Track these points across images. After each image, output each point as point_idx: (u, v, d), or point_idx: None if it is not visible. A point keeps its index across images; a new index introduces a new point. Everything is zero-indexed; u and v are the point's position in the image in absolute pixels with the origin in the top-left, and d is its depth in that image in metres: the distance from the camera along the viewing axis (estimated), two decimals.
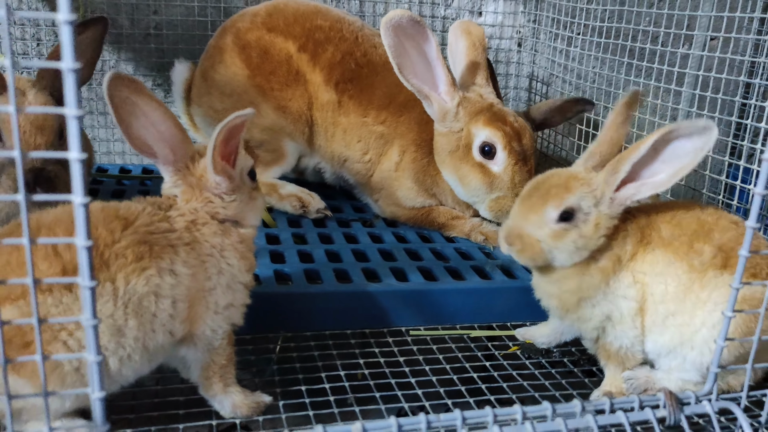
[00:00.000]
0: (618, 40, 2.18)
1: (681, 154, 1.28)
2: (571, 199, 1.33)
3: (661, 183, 1.31)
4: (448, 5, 2.74)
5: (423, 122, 2.05)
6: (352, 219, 2.15)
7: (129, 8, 2.45)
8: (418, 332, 1.67)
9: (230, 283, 1.24)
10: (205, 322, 1.22)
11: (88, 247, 0.74)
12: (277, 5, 2.22)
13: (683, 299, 1.32)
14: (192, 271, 1.17)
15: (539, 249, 1.36)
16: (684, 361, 1.34)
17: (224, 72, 2.15)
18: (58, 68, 0.68)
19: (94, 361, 0.79)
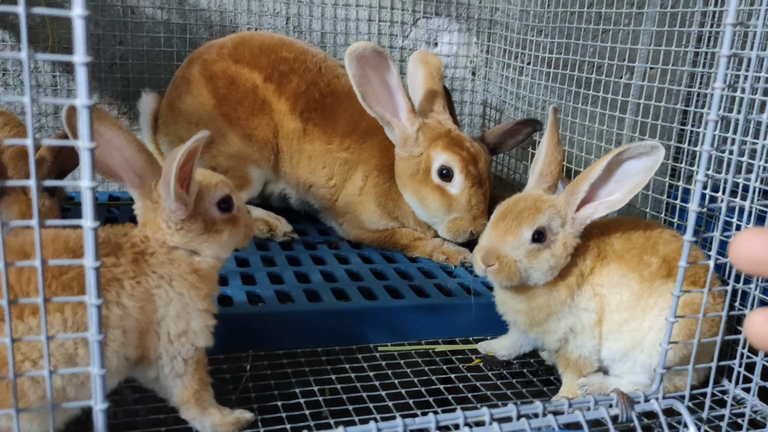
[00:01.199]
0: (565, 70, 2.33)
1: (632, 173, 1.40)
2: (543, 219, 1.44)
3: (616, 201, 1.43)
4: (406, 36, 2.86)
5: (384, 148, 2.15)
6: (318, 242, 2.23)
7: (95, 39, 2.50)
8: (386, 348, 1.75)
9: (181, 312, 1.22)
10: (158, 351, 1.22)
11: (95, 268, 0.81)
12: (243, 37, 2.29)
13: (635, 307, 1.44)
14: (140, 303, 1.17)
15: (516, 269, 1.44)
16: (634, 363, 1.46)
17: (191, 102, 2.20)
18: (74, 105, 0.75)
19: (98, 374, 0.85)
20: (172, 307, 1.22)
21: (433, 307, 1.81)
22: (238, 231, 1.32)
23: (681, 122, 2.04)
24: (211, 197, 1.26)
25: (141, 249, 1.21)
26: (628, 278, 1.45)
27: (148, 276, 1.20)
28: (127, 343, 1.16)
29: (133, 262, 1.19)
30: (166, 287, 1.21)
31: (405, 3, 2.81)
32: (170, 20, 2.54)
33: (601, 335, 1.50)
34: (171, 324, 1.22)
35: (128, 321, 1.15)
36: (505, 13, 2.78)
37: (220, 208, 1.27)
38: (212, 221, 1.26)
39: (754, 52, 1.11)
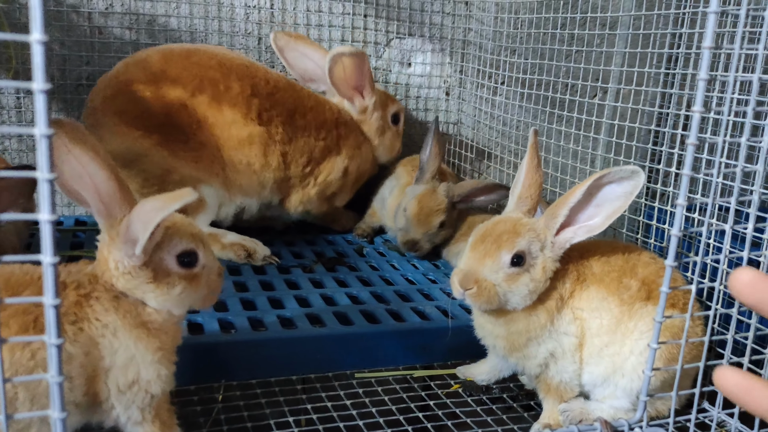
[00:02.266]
0: (539, 91, 2.33)
1: (612, 197, 1.39)
2: (522, 243, 1.41)
3: (596, 226, 1.41)
4: (379, 57, 2.85)
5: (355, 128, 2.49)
6: (292, 265, 2.18)
7: (60, 59, 2.44)
8: (362, 374, 1.70)
9: (129, 363, 1.15)
10: (109, 401, 1.16)
11: (56, 306, 0.76)
12: (147, 56, 2.14)
13: (615, 330, 1.42)
14: (84, 349, 1.11)
15: (495, 293, 1.41)
16: (616, 388, 1.44)
17: (112, 146, 2.02)
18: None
19: (58, 417, 0.80)
20: (119, 357, 1.14)
21: (410, 332, 1.77)
22: (195, 290, 1.21)
23: (653, 142, 2.05)
24: (171, 247, 1.17)
25: (86, 291, 1.14)
26: (608, 302, 1.44)
27: (91, 323, 1.12)
28: (73, 389, 1.09)
29: (76, 305, 1.12)
30: (110, 338, 1.13)
31: (378, 23, 2.80)
32: (139, 40, 2.49)
33: (582, 360, 1.47)
34: (119, 374, 1.14)
35: (73, 367, 1.09)
36: (478, 34, 2.79)
37: (179, 262, 1.18)
38: (165, 272, 1.16)
39: (731, 73, 1.10)
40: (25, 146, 2.48)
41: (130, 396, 1.15)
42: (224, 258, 2.13)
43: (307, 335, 1.68)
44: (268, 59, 2.69)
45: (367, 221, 2.56)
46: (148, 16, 2.49)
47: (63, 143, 1.09)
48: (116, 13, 2.45)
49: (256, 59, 2.66)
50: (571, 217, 1.43)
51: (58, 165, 1.10)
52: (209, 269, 1.23)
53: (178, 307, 1.21)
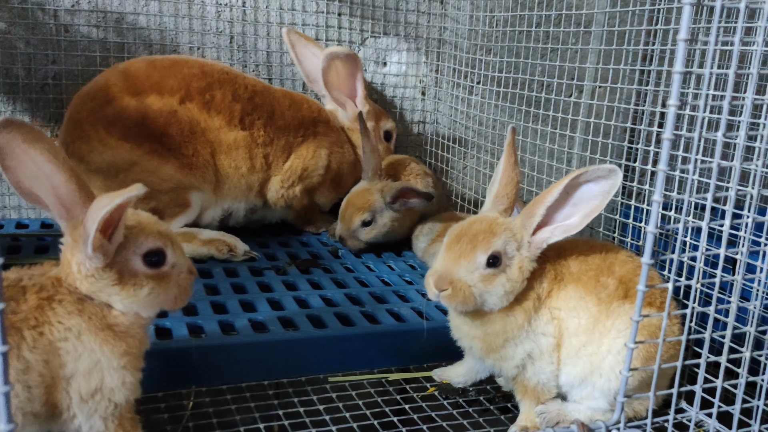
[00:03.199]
0: (515, 89, 2.31)
1: (589, 197, 1.36)
2: (498, 243, 1.38)
3: (573, 226, 1.38)
4: None
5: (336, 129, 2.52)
6: (264, 267, 2.14)
7: (25, 58, 2.37)
8: (336, 378, 1.67)
9: (92, 369, 1.10)
10: (70, 410, 1.11)
11: (1, 311, 0.71)
12: (128, 68, 2.16)
13: (593, 330, 1.40)
14: (43, 357, 1.06)
15: (470, 293, 1.38)
16: (593, 389, 1.41)
17: (100, 158, 2.04)
18: None
19: (4, 430, 0.75)
20: (83, 363, 1.09)
21: (385, 335, 1.73)
22: (164, 290, 1.17)
23: (629, 140, 2.03)
24: (136, 247, 1.13)
25: (48, 294, 1.09)
26: (586, 301, 1.41)
27: (53, 326, 1.07)
28: (32, 399, 1.05)
29: (37, 309, 1.07)
30: (74, 341, 1.08)
31: (353, 22, 2.77)
32: (107, 39, 2.43)
33: (560, 360, 1.45)
34: (82, 381, 1.09)
35: (31, 376, 1.04)
36: (453, 33, 2.77)
37: (146, 262, 1.14)
38: (131, 273, 1.12)
39: (707, 69, 1.08)
40: None
41: (93, 405, 1.11)
42: (205, 255, 2.12)
43: (280, 339, 1.64)
44: (240, 58, 2.64)
45: None
46: (116, 13, 2.43)
47: (17, 144, 1.05)
48: (83, 10, 2.39)
49: (228, 58, 2.62)
50: (548, 217, 1.40)
51: (12, 166, 1.07)
52: (179, 268, 1.19)
53: (147, 308, 1.17)
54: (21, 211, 2.48)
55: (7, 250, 2.11)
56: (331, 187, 2.54)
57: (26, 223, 2.40)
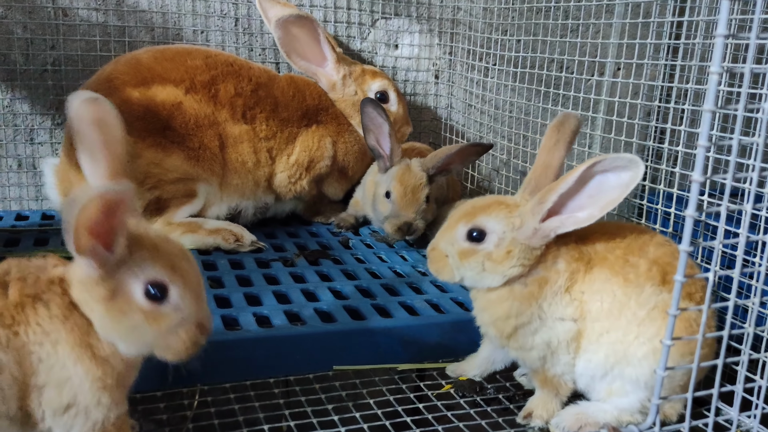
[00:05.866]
0: (533, 70, 2.19)
1: (607, 188, 1.25)
2: (483, 220, 1.33)
3: (585, 218, 1.28)
4: (364, 38, 2.71)
5: (338, 115, 2.41)
6: (271, 259, 2.05)
7: (23, 43, 2.29)
8: (341, 368, 1.58)
9: (63, 384, 1.00)
10: (45, 422, 1.01)
11: None
12: (134, 57, 2.10)
13: (618, 315, 1.28)
14: (16, 359, 0.97)
15: (445, 264, 1.38)
16: (622, 381, 1.30)
17: None
18: None
19: None
20: (54, 375, 0.99)
21: (397, 329, 1.64)
22: (154, 332, 1.02)
23: (657, 119, 1.91)
24: (140, 271, 1.00)
25: (34, 292, 1.00)
26: (611, 283, 1.30)
27: (30, 327, 0.98)
28: (5, 401, 0.96)
29: (16, 306, 0.98)
30: (49, 349, 0.98)
31: (362, 3, 2.66)
32: (107, 23, 2.35)
33: (580, 348, 1.34)
34: (54, 394, 0.99)
35: (4, 376, 0.96)
36: (468, 13, 2.65)
37: (146, 293, 1.00)
38: (124, 297, 1.00)
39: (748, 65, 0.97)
40: None
41: (68, 420, 1.01)
42: (211, 245, 2.06)
43: (285, 334, 1.56)
44: (246, 42, 2.55)
45: (349, 211, 2.44)
46: None
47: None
48: None
49: (234, 42, 2.52)
50: (560, 205, 1.29)
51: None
52: (184, 315, 1.04)
53: (126, 343, 1.03)
54: (22, 202, 2.41)
55: (6, 243, 2.03)
56: (340, 177, 2.45)
57: (27, 214, 2.33)
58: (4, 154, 2.37)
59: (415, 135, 2.74)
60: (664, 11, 1.88)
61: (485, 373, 1.61)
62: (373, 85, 2.42)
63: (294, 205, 2.44)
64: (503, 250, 1.31)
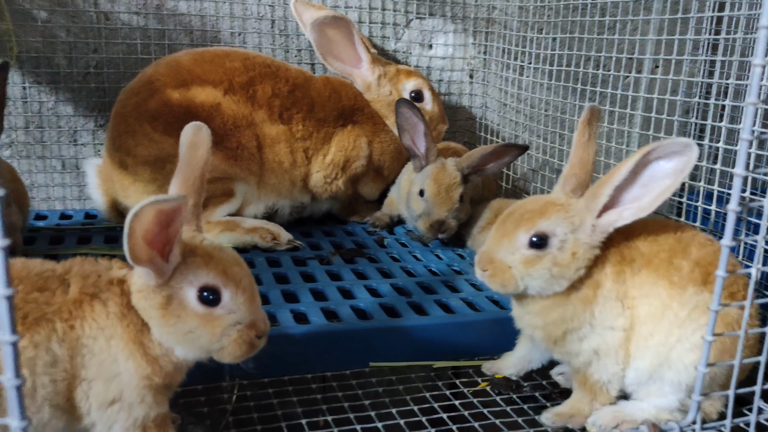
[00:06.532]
0: (569, 68, 2.18)
1: (661, 176, 1.23)
2: (544, 224, 1.29)
3: (643, 207, 1.26)
4: (399, 39, 2.72)
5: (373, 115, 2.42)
6: (308, 257, 2.07)
7: (66, 47, 2.35)
8: (378, 364, 1.58)
9: (111, 378, 1.04)
10: (90, 416, 1.05)
11: (9, 297, 0.65)
12: (174, 59, 2.15)
13: (661, 317, 1.27)
14: (69, 352, 1.01)
15: (510, 275, 1.31)
16: (662, 383, 1.28)
17: (146, 152, 2.03)
18: None
19: (18, 427, 0.69)
20: (104, 369, 1.03)
21: (432, 327, 1.64)
22: (209, 335, 1.07)
23: (697, 115, 1.89)
24: (194, 278, 1.05)
25: (93, 291, 1.05)
26: (658, 286, 1.28)
27: (85, 322, 1.02)
28: (58, 393, 1.00)
29: (75, 302, 1.03)
30: (102, 343, 1.03)
31: (397, 3, 2.67)
32: (147, 26, 2.40)
33: (629, 355, 1.32)
34: (101, 388, 1.04)
35: (58, 370, 1.00)
36: (503, 11, 2.64)
37: (199, 298, 1.05)
38: (180, 303, 1.05)
39: None
40: (32, 138, 2.40)
41: (112, 415, 1.05)
42: (249, 243, 2.09)
43: (322, 331, 1.57)
44: (282, 43, 2.58)
45: (384, 210, 2.45)
46: (156, 0, 2.39)
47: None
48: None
49: (270, 43, 2.56)
50: (615, 198, 1.27)
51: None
52: (237, 318, 1.08)
53: (183, 348, 1.08)
54: (66, 202, 2.47)
55: (51, 241, 2.09)
56: (375, 177, 2.46)
57: (70, 214, 2.39)
58: (49, 155, 2.43)
59: (449, 135, 2.74)
60: (703, 7, 1.85)
61: (522, 371, 1.60)
62: (408, 84, 2.43)
63: (330, 205, 2.45)
64: (568, 253, 1.28)
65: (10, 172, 1.84)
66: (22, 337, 0.97)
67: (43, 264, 1.08)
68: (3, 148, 2.37)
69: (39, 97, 2.37)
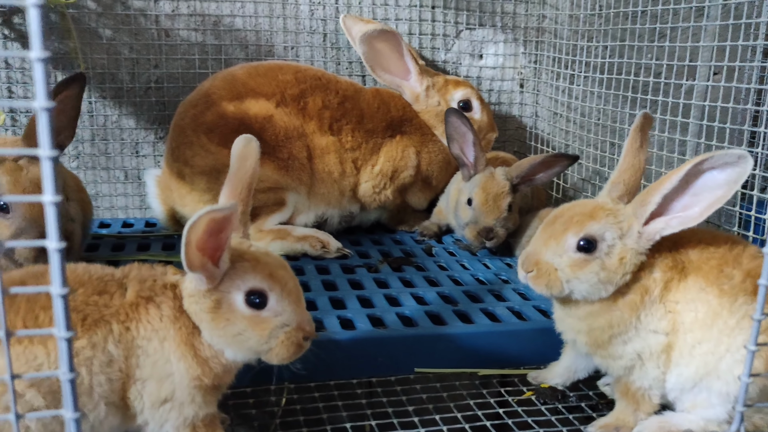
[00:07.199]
0: (620, 75, 2.16)
1: (713, 186, 1.22)
2: (593, 228, 1.28)
3: (692, 217, 1.25)
4: (449, 49, 2.74)
5: (422, 125, 2.45)
6: (356, 265, 2.10)
7: (129, 63, 2.46)
8: (423, 370, 1.60)
9: (164, 378, 1.10)
10: (143, 414, 1.11)
11: (63, 296, 0.70)
12: (230, 73, 2.23)
13: (711, 326, 1.24)
14: (125, 353, 1.07)
15: (555, 278, 1.31)
16: (709, 394, 1.26)
17: (203, 162, 2.11)
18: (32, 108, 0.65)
19: (71, 418, 0.73)
20: (157, 369, 1.09)
21: (478, 335, 1.65)
22: (257, 336, 1.11)
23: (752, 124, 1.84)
24: (241, 282, 1.10)
25: (149, 295, 1.11)
26: (706, 292, 1.26)
27: (141, 324, 1.08)
28: (114, 392, 1.06)
29: (131, 305, 1.09)
30: (156, 345, 1.09)
31: (447, 15, 2.69)
32: (205, 42, 2.49)
33: (671, 361, 1.30)
34: (154, 387, 1.09)
35: (113, 369, 1.06)
36: (553, 20, 2.63)
37: (248, 301, 1.10)
38: (229, 307, 1.10)
39: None
40: (97, 150, 2.52)
41: (164, 414, 1.10)
42: (299, 251, 2.14)
43: (368, 337, 1.60)
44: (334, 56, 2.63)
45: (433, 220, 2.46)
46: (214, 16, 2.48)
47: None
48: (182, 15, 2.46)
49: (322, 56, 2.61)
50: (663, 206, 1.26)
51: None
52: (284, 320, 1.12)
53: (233, 349, 1.13)
54: (128, 211, 2.58)
55: (113, 248, 2.19)
56: (423, 187, 2.49)
57: (131, 222, 2.50)
58: (112, 166, 2.55)
59: (499, 144, 2.74)
60: (760, 12, 1.80)
61: (568, 381, 1.59)
62: (456, 94, 2.45)
63: (379, 214, 2.49)
64: (616, 258, 1.28)
65: (76, 183, 1.94)
66: (80, 338, 1.04)
67: (104, 269, 1.15)
68: (71, 160, 2.50)
69: (104, 111, 2.49)
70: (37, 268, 1.16)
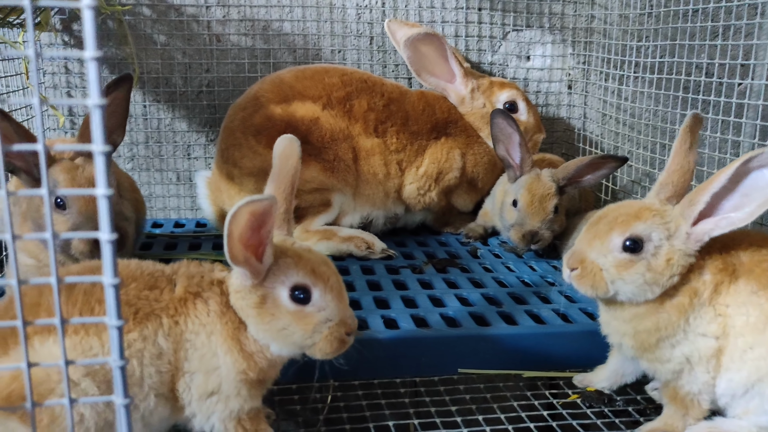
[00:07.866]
0: (671, 75, 2.11)
1: (763, 185, 1.19)
2: (639, 228, 1.26)
3: (741, 218, 1.21)
4: (495, 51, 2.73)
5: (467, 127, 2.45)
6: (401, 266, 2.11)
7: (182, 67, 2.53)
8: (466, 371, 1.60)
9: (211, 371, 1.13)
10: (191, 406, 1.14)
11: (115, 285, 0.73)
12: (277, 77, 2.27)
13: (763, 330, 1.21)
14: (174, 346, 1.10)
15: (600, 278, 1.29)
16: (762, 400, 1.22)
17: (250, 164, 2.16)
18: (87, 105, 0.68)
19: (121, 404, 0.76)
20: (204, 363, 1.12)
21: (522, 336, 1.64)
22: (301, 331, 1.13)
23: None
24: (285, 277, 1.12)
25: (197, 290, 1.15)
26: (758, 296, 1.23)
27: (189, 318, 1.12)
28: (163, 383, 1.10)
29: (180, 300, 1.13)
30: (204, 339, 1.12)
31: (493, 16, 2.69)
32: (255, 46, 2.55)
33: (721, 365, 1.27)
34: (202, 380, 1.12)
35: (163, 362, 1.09)
36: (602, 20, 2.60)
37: (291, 296, 1.13)
38: (273, 302, 1.12)
39: None
40: (151, 152, 2.60)
41: (210, 406, 1.14)
42: (344, 251, 2.16)
43: (412, 336, 1.60)
44: (380, 59, 2.66)
45: (478, 222, 2.45)
46: (263, 21, 2.54)
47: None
48: (233, 20, 2.52)
49: (369, 59, 2.64)
50: (712, 207, 1.24)
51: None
52: (328, 315, 1.14)
53: (278, 344, 1.15)
54: (180, 211, 2.65)
55: (166, 247, 2.25)
56: (469, 189, 2.48)
57: (183, 222, 2.57)
58: (165, 168, 2.62)
59: (547, 146, 2.71)
60: None
61: (614, 385, 1.56)
62: (501, 96, 2.44)
63: (424, 216, 2.49)
64: (663, 259, 1.26)
65: (130, 183, 2.00)
66: (132, 331, 1.08)
67: (155, 265, 1.19)
68: (126, 162, 2.58)
69: (158, 114, 2.57)
70: (93, 263, 1.21)
